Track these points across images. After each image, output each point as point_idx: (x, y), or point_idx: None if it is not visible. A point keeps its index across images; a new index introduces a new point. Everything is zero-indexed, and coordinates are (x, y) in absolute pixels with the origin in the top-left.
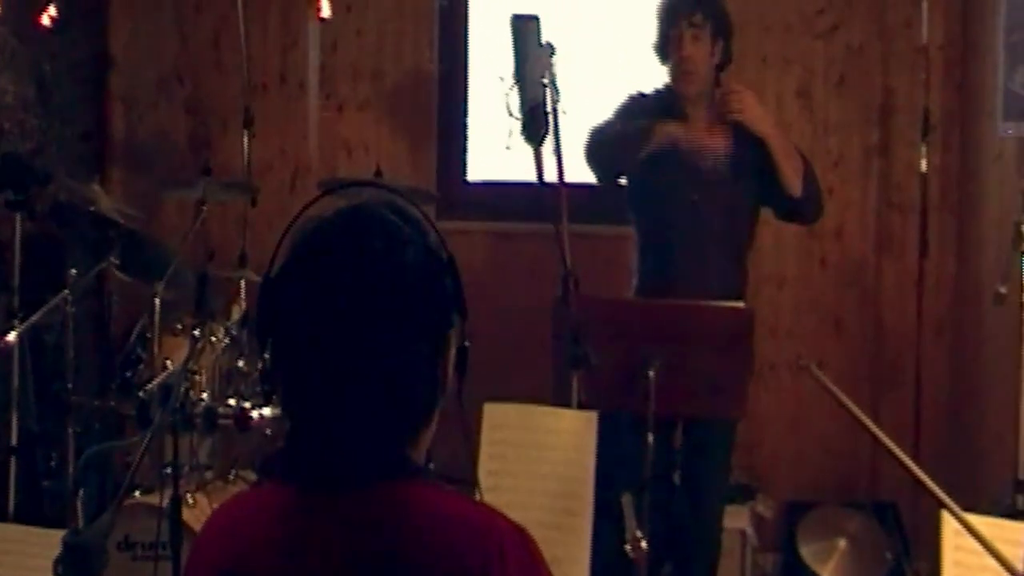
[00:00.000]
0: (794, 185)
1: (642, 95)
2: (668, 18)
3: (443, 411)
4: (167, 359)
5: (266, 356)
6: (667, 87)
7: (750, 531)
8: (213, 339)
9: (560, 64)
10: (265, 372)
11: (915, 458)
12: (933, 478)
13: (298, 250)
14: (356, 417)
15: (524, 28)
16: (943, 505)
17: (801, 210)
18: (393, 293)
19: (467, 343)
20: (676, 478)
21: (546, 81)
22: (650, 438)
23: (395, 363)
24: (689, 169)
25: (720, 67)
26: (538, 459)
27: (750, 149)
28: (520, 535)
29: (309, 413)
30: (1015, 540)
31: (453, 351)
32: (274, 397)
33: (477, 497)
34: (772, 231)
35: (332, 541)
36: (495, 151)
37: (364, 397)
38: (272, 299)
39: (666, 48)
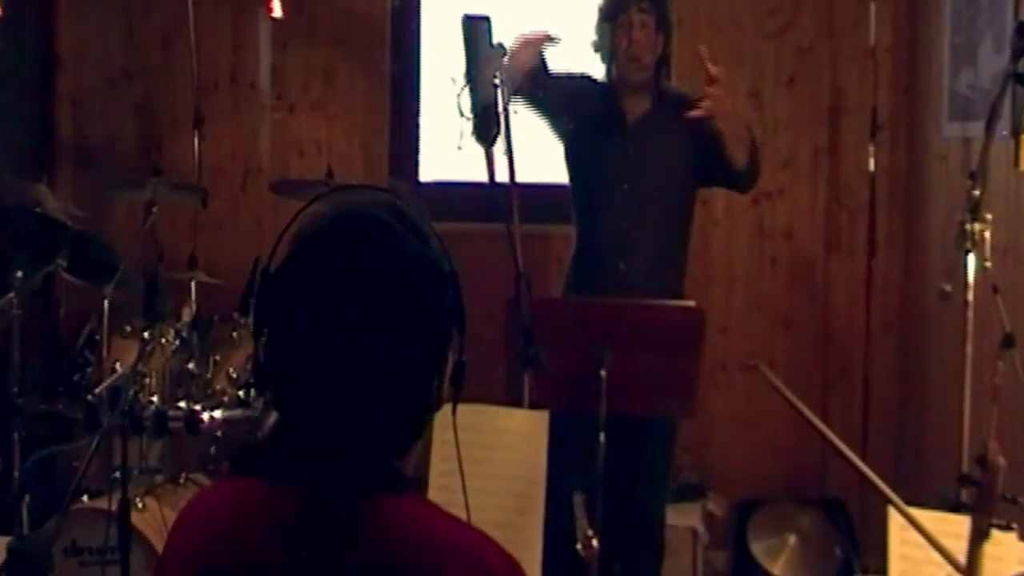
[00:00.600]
0: (739, 161)
1: (591, 78)
2: (616, 8)
3: None
4: (116, 362)
5: (260, 348)
6: (608, 81)
7: (701, 529)
8: (163, 341)
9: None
10: (258, 364)
11: (863, 454)
12: (881, 474)
13: (301, 248)
14: (351, 427)
15: (475, 29)
16: (887, 499)
17: (739, 181)
18: (393, 302)
19: (464, 358)
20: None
21: (497, 82)
22: (601, 437)
23: (392, 373)
24: (625, 160)
25: (659, 62)
26: (490, 459)
27: (690, 140)
28: (509, 563)
29: (302, 414)
30: (958, 533)
31: (450, 365)
32: (265, 392)
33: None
34: (723, 232)
35: (323, 548)
36: (447, 151)
37: (360, 406)
38: (272, 293)
39: (612, 39)
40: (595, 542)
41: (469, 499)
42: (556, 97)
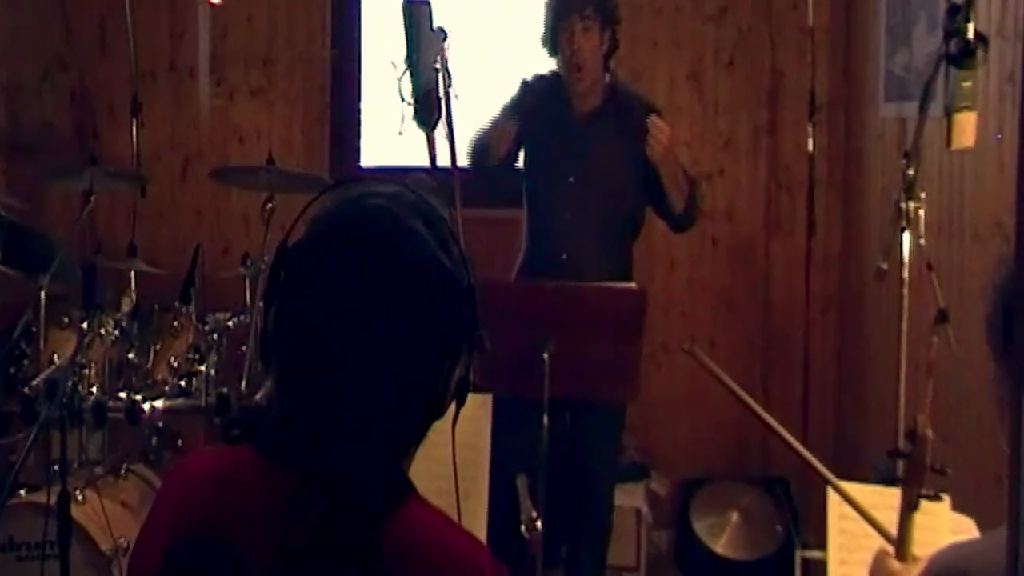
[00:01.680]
0: (677, 206)
1: (532, 80)
2: (558, 13)
3: None
4: (54, 353)
5: (268, 321)
6: (557, 72)
7: (645, 509)
8: (102, 332)
9: (452, 49)
10: (264, 336)
11: (804, 431)
12: (822, 450)
13: (326, 230)
14: (351, 412)
15: (416, 13)
16: (816, 472)
17: (672, 221)
18: (410, 306)
19: (470, 376)
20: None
21: (438, 66)
22: (545, 420)
23: (403, 375)
24: (572, 154)
25: (608, 56)
26: (433, 443)
27: (638, 143)
28: (499, 569)
29: (310, 403)
30: (892, 505)
31: (456, 379)
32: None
33: None
34: None
35: (331, 543)
36: (388, 136)
37: (361, 393)
38: (288, 266)
39: (556, 42)
40: (539, 524)
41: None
42: (516, 144)
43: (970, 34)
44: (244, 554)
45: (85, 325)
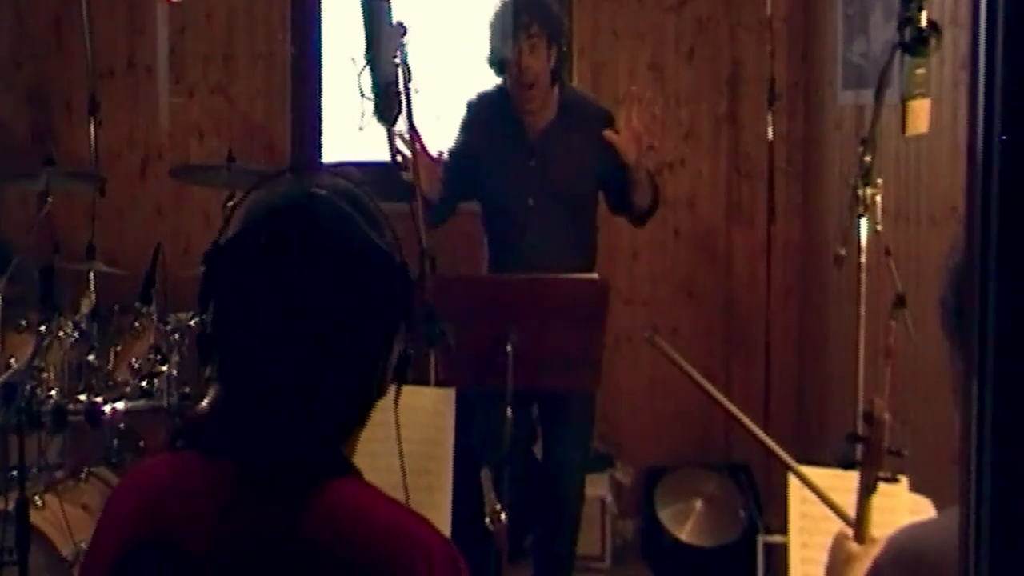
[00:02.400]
0: (643, 204)
1: (481, 97)
2: (504, 34)
3: None
4: (11, 357)
5: (205, 319)
6: (503, 88)
7: (610, 499)
8: (61, 334)
9: (412, 43)
10: (202, 336)
11: (766, 417)
12: (784, 435)
13: (255, 223)
14: (292, 404)
15: (375, 8)
16: (777, 458)
17: (634, 216)
18: (342, 285)
19: (410, 352)
20: (537, 451)
21: (398, 61)
22: (508, 412)
23: (336, 353)
24: (528, 175)
25: (556, 71)
26: (392, 437)
27: (597, 149)
28: (448, 548)
29: (244, 388)
30: (851, 488)
31: (395, 356)
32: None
33: None
34: None
35: (264, 527)
36: (349, 132)
37: (302, 383)
38: (221, 264)
39: (503, 61)
40: (503, 517)
41: (376, 479)
42: (468, 170)
43: (923, 22)
44: (191, 555)
45: (43, 328)
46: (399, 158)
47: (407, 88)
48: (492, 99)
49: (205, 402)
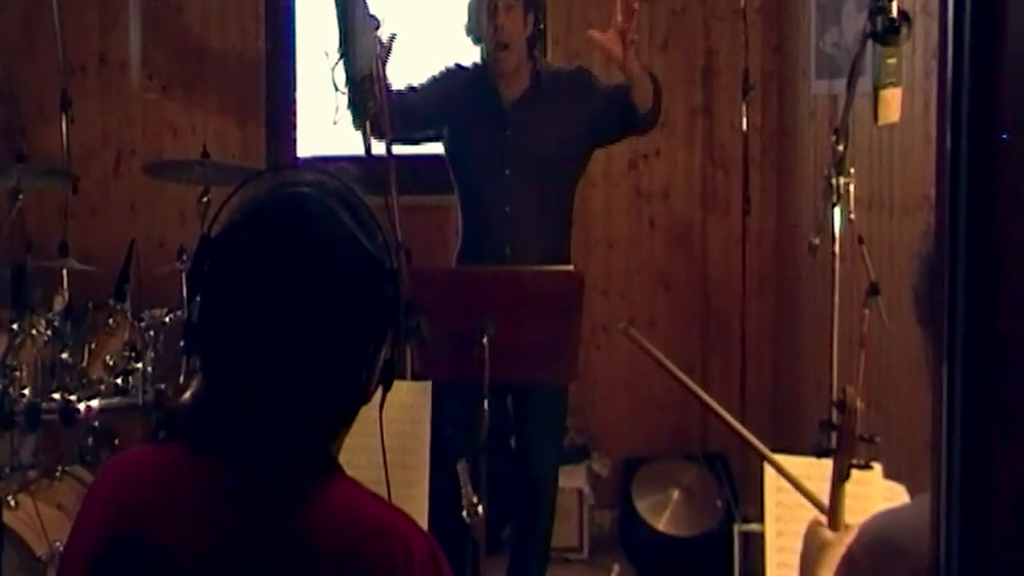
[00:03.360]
0: (646, 103)
1: (458, 67)
2: (482, 1)
3: None
4: None
5: (192, 312)
6: (482, 63)
7: (587, 490)
8: (34, 332)
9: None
10: (189, 327)
11: (743, 406)
12: (761, 424)
13: (246, 218)
14: (274, 400)
15: (349, 2)
16: (751, 447)
17: (644, 122)
18: (331, 287)
19: (395, 358)
20: (512, 443)
21: (372, 54)
22: (485, 405)
23: (322, 353)
24: (504, 146)
25: (532, 41)
26: (373, 431)
27: (581, 111)
28: (428, 543)
29: (229, 381)
30: (825, 476)
31: (382, 362)
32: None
33: None
34: (601, 194)
35: (249, 526)
36: (324, 127)
37: (285, 379)
38: (211, 257)
39: (479, 22)
40: (480, 509)
41: (354, 475)
42: (426, 114)
43: (895, 12)
44: (171, 549)
45: (16, 326)
46: (370, 104)
47: (381, 81)
48: (469, 72)
49: (188, 394)
